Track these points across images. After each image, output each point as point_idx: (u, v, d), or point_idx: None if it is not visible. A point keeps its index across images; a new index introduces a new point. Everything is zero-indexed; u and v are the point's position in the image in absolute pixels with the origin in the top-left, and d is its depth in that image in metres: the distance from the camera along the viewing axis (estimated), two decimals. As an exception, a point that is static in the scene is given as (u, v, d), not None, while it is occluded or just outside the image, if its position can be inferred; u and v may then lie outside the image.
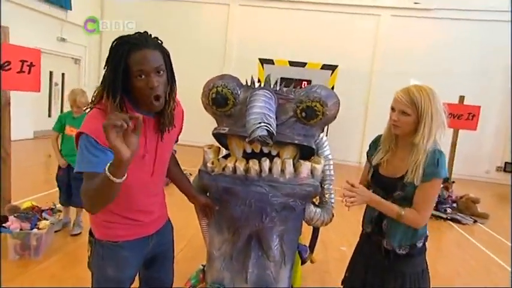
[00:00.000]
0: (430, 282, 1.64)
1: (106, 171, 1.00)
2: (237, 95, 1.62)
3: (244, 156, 1.63)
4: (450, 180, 5.51)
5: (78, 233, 3.28)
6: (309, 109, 1.56)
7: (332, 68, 7.70)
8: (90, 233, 1.40)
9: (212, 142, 1.79)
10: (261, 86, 1.63)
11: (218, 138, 1.74)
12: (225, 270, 1.71)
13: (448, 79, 7.53)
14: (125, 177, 1.03)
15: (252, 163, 1.51)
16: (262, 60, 7.82)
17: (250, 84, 1.67)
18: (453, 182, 5.65)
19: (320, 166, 1.59)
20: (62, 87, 8.90)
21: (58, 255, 2.90)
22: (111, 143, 0.95)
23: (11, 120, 3.05)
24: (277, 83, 1.67)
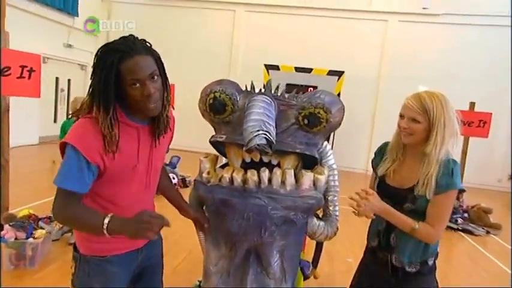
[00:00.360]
0: None
1: (105, 225, 1.06)
2: (236, 101, 1.53)
3: (243, 166, 1.54)
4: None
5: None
6: (311, 116, 1.46)
7: (338, 73, 7.61)
8: (74, 248, 1.32)
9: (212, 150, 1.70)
10: (261, 91, 1.54)
11: (216, 146, 1.65)
12: (222, 287, 1.61)
13: (456, 84, 7.39)
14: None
15: (250, 173, 1.41)
16: (268, 66, 7.76)
17: (250, 89, 1.59)
18: (464, 190, 5.47)
19: (323, 177, 1.48)
20: (67, 93, 8.96)
21: (55, 265, 2.82)
22: (133, 232, 1.07)
23: (9, 127, 3.01)
24: (278, 88, 1.58)
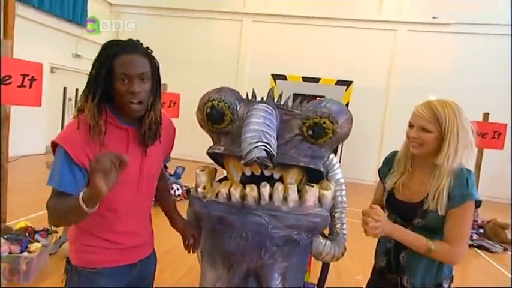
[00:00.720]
0: None
1: (80, 199, 0.99)
2: (235, 110, 1.42)
3: (243, 180, 1.42)
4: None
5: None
6: (316, 126, 1.34)
7: (347, 83, 7.52)
8: (67, 261, 1.28)
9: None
10: (262, 99, 1.44)
11: (215, 158, 1.54)
12: (219, 310, 1.48)
13: (467, 94, 7.15)
14: (96, 207, 1.02)
15: (249, 189, 1.29)
16: (275, 76, 7.71)
17: (251, 97, 1.48)
18: (481, 202, 5.25)
19: (329, 192, 1.35)
20: (75, 103, 8.98)
21: (51, 280, 2.71)
22: (93, 182, 0.94)
23: (10, 136, 2.97)
24: (281, 97, 1.47)
